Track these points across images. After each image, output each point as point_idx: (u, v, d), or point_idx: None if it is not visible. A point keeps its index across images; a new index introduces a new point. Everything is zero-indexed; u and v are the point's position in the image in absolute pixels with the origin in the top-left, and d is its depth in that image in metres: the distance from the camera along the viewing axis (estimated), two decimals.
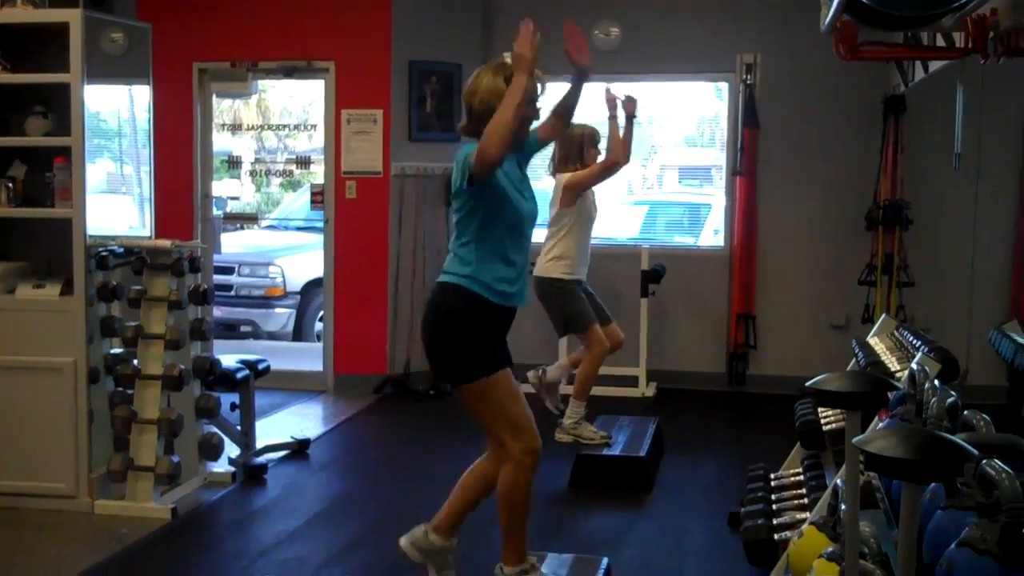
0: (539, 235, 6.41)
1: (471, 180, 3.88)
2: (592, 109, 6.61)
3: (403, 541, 4.29)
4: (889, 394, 2.99)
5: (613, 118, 6.51)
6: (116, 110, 6.43)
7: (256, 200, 15.19)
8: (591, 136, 6.54)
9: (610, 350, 6.66)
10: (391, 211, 8.27)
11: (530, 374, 6.74)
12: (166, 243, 5.56)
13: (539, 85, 4.07)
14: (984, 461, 2.24)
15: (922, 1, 3.81)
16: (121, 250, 5.69)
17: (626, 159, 6.60)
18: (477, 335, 4.00)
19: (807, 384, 2.75)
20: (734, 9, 8.44)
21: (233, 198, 13.98)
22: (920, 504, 2.22)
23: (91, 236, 5.44)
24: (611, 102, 6.53)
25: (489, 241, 3.98)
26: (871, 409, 3.30)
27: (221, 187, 12.23)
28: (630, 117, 6.53)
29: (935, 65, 6.02)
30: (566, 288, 6.50)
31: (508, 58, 4.08)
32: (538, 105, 4.12)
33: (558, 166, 6.59)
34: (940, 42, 5.24)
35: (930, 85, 6.59)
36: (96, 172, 6.09)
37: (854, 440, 2.20)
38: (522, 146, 4.19)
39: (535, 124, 4.25)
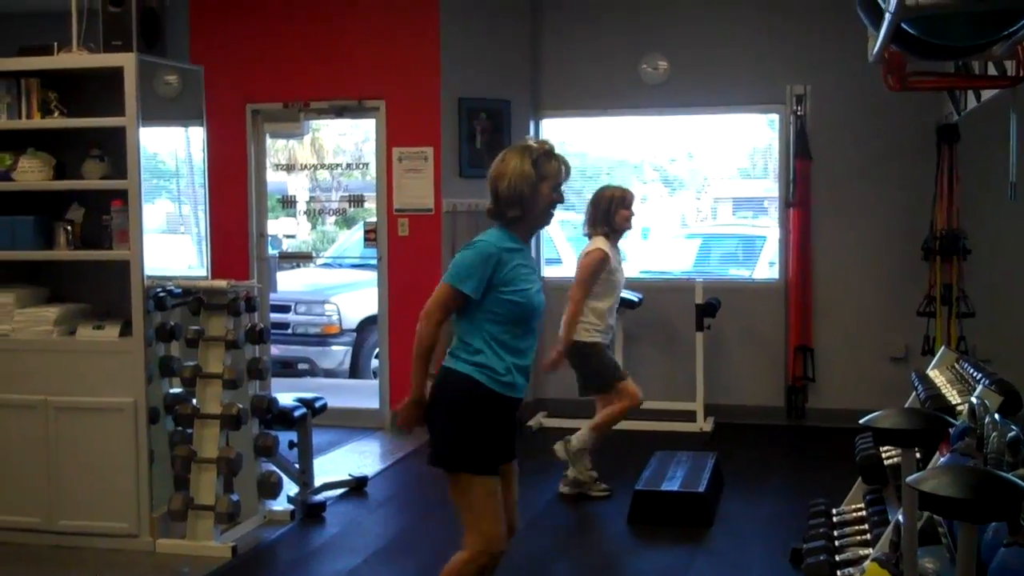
0: None
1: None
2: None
3: None
4: (950, 429, 2.94)
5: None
6: (173, 150, 6.52)
7: (312, 238, 15.33)
8: (620, 199, 6.39)
9: (630, 407, 6.46)
10: (443, 247, 8.31)
11: (556, 447, 6.51)
12: (222, 283, 5.62)
13: (563, 168, 4.05)
14: None
15: (970, 30, 3.76)
16: (179, 290, 5.75)
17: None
18: (479, 428, 3.93)
19: (860, 421, 2.72)
20: (783, 40, 8.42)
21: (289, 236, 14.13)
22: (974, 544, 2.18)
23: (149, 277, 5.51)
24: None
25: (496, 333, 3.92)
26: (926, 446, 3.24)
27: (277, 226, 12.38)
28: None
29: (988, 93, 5.97)
30: (597, 350, 6.37)
31: (531, 141, 4.09)
32: (563, 189, 4.09)
33: (590, 229, 6.45)
34: (992, 70, 5.19)
35: (984, 113, 6.52)
36: (155, 212, 6.19)
37: (907, 480, 2.16)
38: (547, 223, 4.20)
39: None
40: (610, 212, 6.37)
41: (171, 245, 6.44)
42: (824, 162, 8.34)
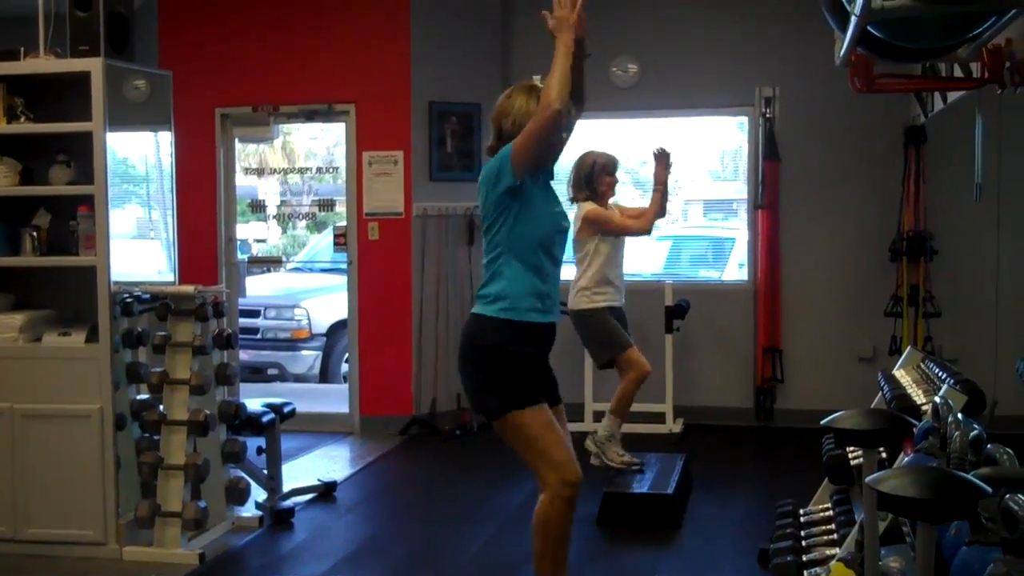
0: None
1: (513, 176, 3.89)
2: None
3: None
4: (914, 429, 2.96)
5: (656, 190, 6.53)
6: (143, 155, 6.49)
7: (282, 243, 15.28)
8: (604, 164, 6.47)
9: (639, 379, 6.61)
10: (414, 251, 8.30)
11: (587, 445, 6.58)
12: (189, 288, 5.59)
13: (572, 110, 4.06)
14: (1008, 496, 2.21)
15: (936, 33, 3.78)
16: (147, 296, 5.72)
17: (649, 230, 6.72)
18: (513, 367, 3.97)
19: (823, 422, 2.73)
20: (752, 43, 8.45)
21: (260, 241, 14.07)
22: (934, 543, 2.19)
23: (116, 282, 5.48)
24: (661, 158, 6.53)
25: (521, 252, 3.96)
26: (888, 446, 3.25)
27: (248, 230, 12.32)
28: (662, 183, 6.52)
29: (954, 95, 6.01)
30: (596, 315, 6.49)
31: (539, 81, 4.09)
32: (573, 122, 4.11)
33: (574, 193, 6.55)
34: (959, 72, 5.23)
35: (950, 115, 6.57)
36: (126, 217, 6.15)
37: (867, 480, 2.17)
38: (556, 157, 4.19)
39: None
40: (592, 176, 6.39)
41: (141, 250, 6.39)
42: (793, 164, 8.38)
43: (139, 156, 6.44)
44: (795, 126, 8.37)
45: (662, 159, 6.57)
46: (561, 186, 6.19)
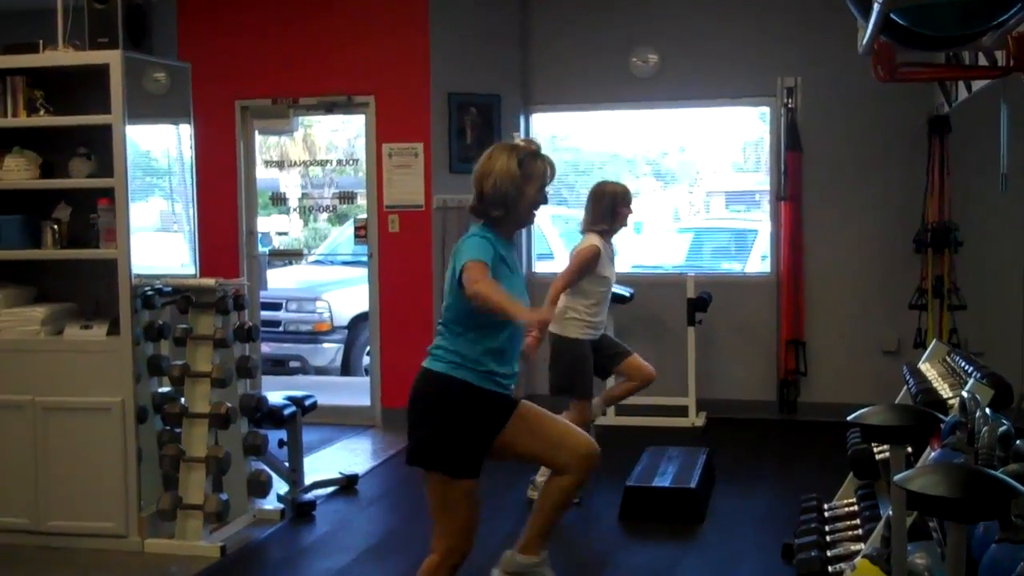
0: None
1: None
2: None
3: (495, 572, 4.29)
4: (940, 424, 2.90)
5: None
6: (166, 148, 6.49)
7: (304, 235, 15.27)
8: (623, 196, 6.22)
9: (641, 385, 6.44)
10: (434, 243, 8.28)
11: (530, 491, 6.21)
12: (210, 281, 5.59)
13: (549, 169, 3.99)
14: None
15: (959, 20, 3.74)
16: (169, 289, 5.72)
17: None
18: (459, 426, 3.86)
19: (849, 418, 2.68)
20: (773, 33, 8.39)
21: (282, 233, 14.06)
22: (964, 543, 2.14)
23: (136, 275, 5.47)
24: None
25: (482, 332, 3.85)
26: (916, 443, 3.19)
27: (269, 223, 12.33)
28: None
29: (978, 84, 5.94)
30: (577, 347, 6.16)
31: (520, 139, 4.08)
32: (547, 191, 4.02)
33: (589, 225, 6.23)
34: (983, 61, 5.16)
35: (974, 105, 6.50)
36: (149, 210, 6.16)
37: (895, 478, 2.12)
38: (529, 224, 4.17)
39: None
40: (614, 209, 6.23)
41: (165, 243, 6.40)
42: (815, 155, 8.32)
43: (160, 149, 6.44)
44: (817, 117, 8.30)
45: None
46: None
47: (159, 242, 6.27)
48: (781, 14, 8.37)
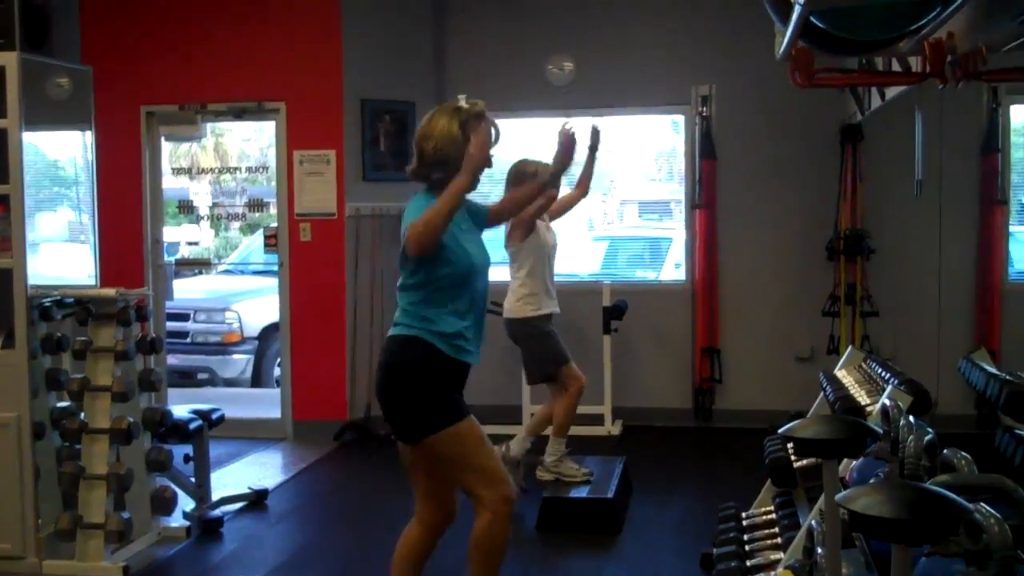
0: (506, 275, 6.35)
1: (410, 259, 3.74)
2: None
3: None
4: (878, 435, 2.83)
5: (589, 156, 6.43)
6: (70, 156, 6.27)
7: (215, 244, 14.99)
8: (524, 170, 6.26)
9: (576, 396, 6.43)
10: (347, 253, 8.13)
11: (539, 472, 6.45)
12: (110, 292, 5.37)
13: (493, 130, 3.91)
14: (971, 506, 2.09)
15: (880, 25, 3.72)
16: (71, 300, 5.49)
17: (583, 194, 6.55)
18: (436, 386, 3.80)
19: (780, 431, 2.59)
20: (688, 40, 8.39)
21: (192, 243, 13.76)
22: (909, 564, 2.05)
23: (34, 286, 5.25)
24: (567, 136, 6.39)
25: (440, 297, 3.80)
26: (851, 456, 3.09)
27: (180, 232, 12.04)
28: (593, 148, 6.43)
29: (891, 92, 5.96)
30: (535, 325, 6.35)
31: (463, 101, 3.98)
32: (492, 153, 3.89)
33: None
34: (897, 68, 5.16)
35: (887, 112, 6.53)
36: (55, 220, 5.95)
37: (836, 497, 2.01)
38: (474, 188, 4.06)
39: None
40: (517, 179, 6.24)
41: (71, 254, 6.17)
42: (729, 162, 8.33)
43: (63, 156, 6.22)
44: (731, 124, 8.31)
45: (595, 135, 6.46)
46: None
47: (65, 252, 6.05)
48: (696, 22, 8.36)
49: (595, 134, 6.43)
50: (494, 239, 4.89)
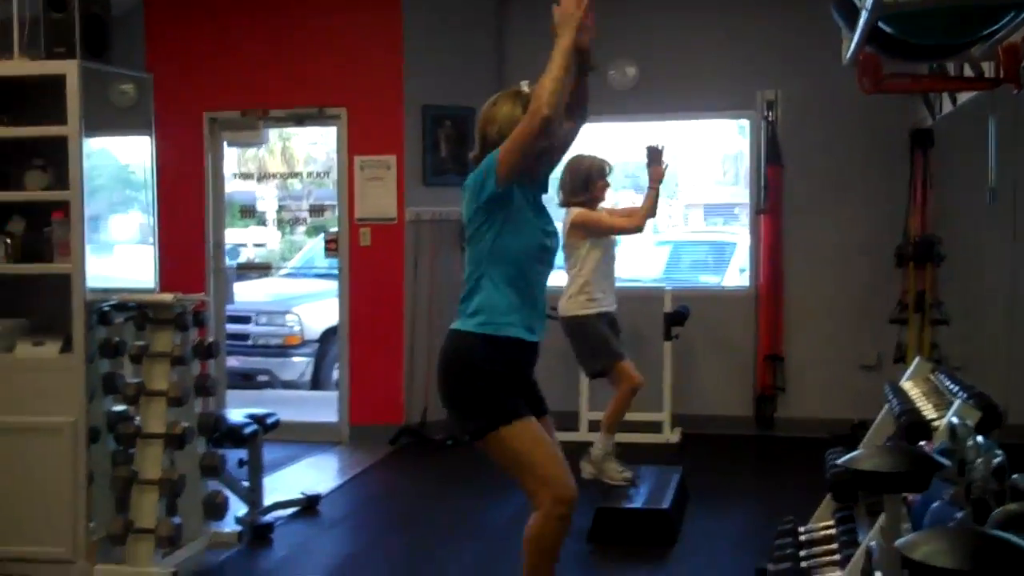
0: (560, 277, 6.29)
1: (498, 183, 3.66)
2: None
3: None
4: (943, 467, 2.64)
5: (651, 188, 6.43)
6: (128, 160, 6.29)
7: (280, 247, 15.10)
8: (599, 168, 6.36)
9: (631, 394, 6.40)
10: (406, 258, 8.10)
11: (582, 464, 6.36)
12: (168, 297, 5.36)
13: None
14: None
15: (949, 29, 3.59)
16: (132, 304, 5.51)
17: (641, 228, 6.53)
18: (494, 383, 3.75)
19: (839, 461, 2.45)
20: (752, 45, 8.25)
21: (259, 245, 13.88)
22: None
23: (92, 290, 5.27)
24: (655, 155, 6.42)
25: (503, 267, 3.74)
26: (914, 491, 2.89)
27: (248, 235, 12.12)
28: (658, 181, 6.38)
29: (963, 97, 5.80)
30: (588, 322, 6.33)
31: (526, 87, 3.90)
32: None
33: (568, 198, 6.39)
34: (968, 73, 5.02)
35: (959, 117, 6.36)
36: (128, 223, 5.97)
37: (897, 544, 1.85)
38: (549, 169, 4.03)
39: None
40: (589, 180, 6.30)
41: (141, 256, 6.19)
42: (795, 168, 8.18)
43: (131, 160, 6.24)
44: (797, 130, 8.16)
45: (656, 155, 6.44)
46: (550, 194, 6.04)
47: (135, 255, 6.06)
48: (761, 26, 8.23)
49: (653, 153, 6.41)
50: None
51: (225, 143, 8.59)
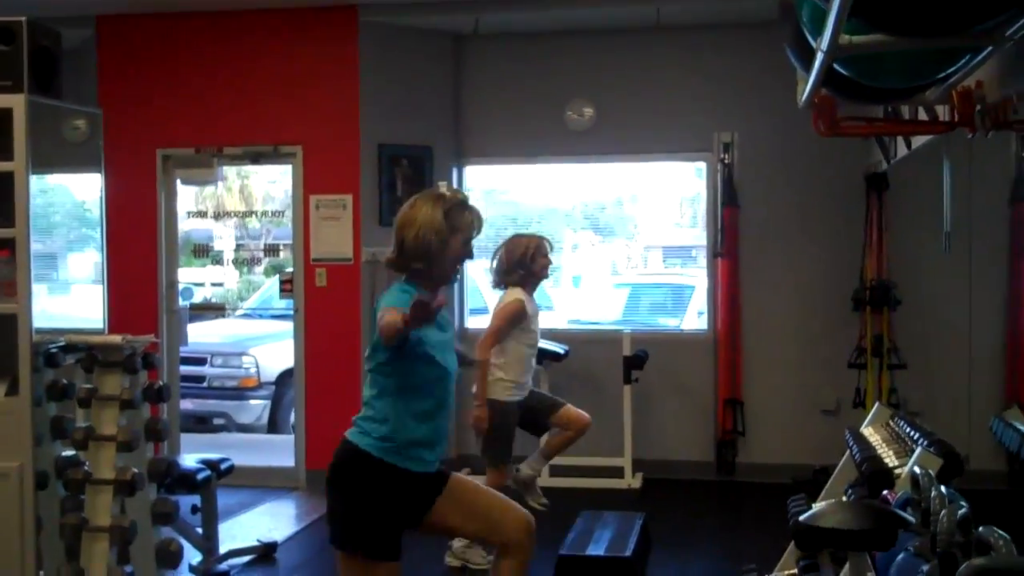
0: None
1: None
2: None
3: None
4: (910, 525, 2.59)
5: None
6: (75, 198, 6.18)
7: (239, 286, 14.93)
8: (537, 246, 6.06)
9: (577, 434, 6.24)
10: (363, 298, 8.00)
11: (446, 556, 6.18)
12: (116, 338, 5.23)
13: (476, 221, 3.78)
14: None
15: (906, 72, 3.59)
16: (82, 345, 5.38)
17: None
18: (379, 506, 3.64)
19: (801, 518, 2.42)
20: (710, 87, 8.27)
21: (216, 284, 13.69)
22: None
23: (40, 330, 5.14)
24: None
25: (407, 399, 3.65)
26: (879, 549, 2.85)
27: (204, 274, 11.95)
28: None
29: (918, 140, 5.82)
30: (505, 411, 5.99)
31: (444, 188, 3.84)
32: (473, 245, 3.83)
33: (503, 277, 6.10)
34: (923, 116, 5.03)
35: (914, 161, 6.38)
36: (83, 262, 5.84)
37: None
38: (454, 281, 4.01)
39: None
40: (527, 259, 6.05)
41: (95, 296, 6.06)
42: (752, 211, 8.19)
43: (87, 197, 6.13)
44: (754, 172, 8.17)
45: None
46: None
47: (89, 294, 5.93)
48: (718, 69, 8.26)
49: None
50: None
51: (179, 180, 8.47)
